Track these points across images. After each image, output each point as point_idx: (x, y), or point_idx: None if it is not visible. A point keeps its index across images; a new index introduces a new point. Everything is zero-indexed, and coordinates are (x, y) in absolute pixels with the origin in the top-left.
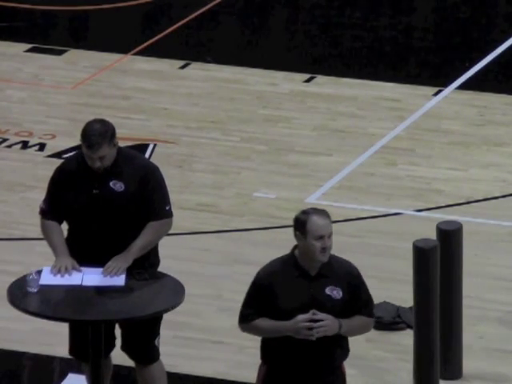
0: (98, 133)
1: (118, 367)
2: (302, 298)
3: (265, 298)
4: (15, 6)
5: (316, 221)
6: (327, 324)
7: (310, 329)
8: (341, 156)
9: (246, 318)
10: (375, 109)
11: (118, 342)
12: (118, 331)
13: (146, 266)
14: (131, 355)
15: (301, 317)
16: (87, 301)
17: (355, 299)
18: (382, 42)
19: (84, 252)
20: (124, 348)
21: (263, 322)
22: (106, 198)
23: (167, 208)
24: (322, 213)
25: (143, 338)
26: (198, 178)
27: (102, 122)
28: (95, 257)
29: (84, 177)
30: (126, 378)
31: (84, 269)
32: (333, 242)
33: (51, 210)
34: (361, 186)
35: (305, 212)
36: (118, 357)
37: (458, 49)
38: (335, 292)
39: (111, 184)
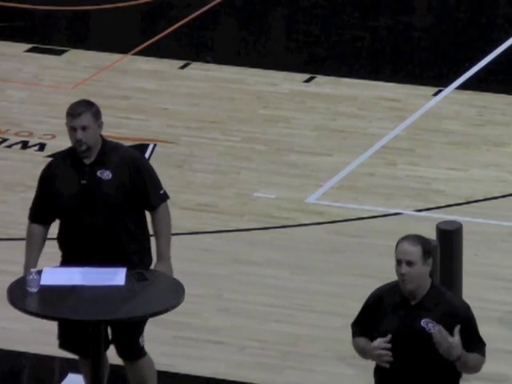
0: (82, 103)
1: (118, 367)
2: (397, 328)
3: (370, 320)
4: (15, 6)
5: (399, 244)
6: (452, 344)
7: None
8: (341, 156)
9: (352, 334)
10: (375, 109)
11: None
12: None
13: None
14: (118, 352)
15: (375, 342)
16: (87, 301)
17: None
18: (382, 42)
19: (77, 245)
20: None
21: (359, 342)
22: (95, 187)
23: (161, 192)
24: (413, 238)
25: (128, 337)
26: (198, 178)
27: (90, 100)
28: (88, 249)
29: (72, 169)
30: (125, 377)
31: (84, 269)
32: (413, 270)
33: (38, 210)
34: (361, 185)
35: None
36: (118, 356)
37: (458, 49)
38: (431, 325)
39: (98, 173)
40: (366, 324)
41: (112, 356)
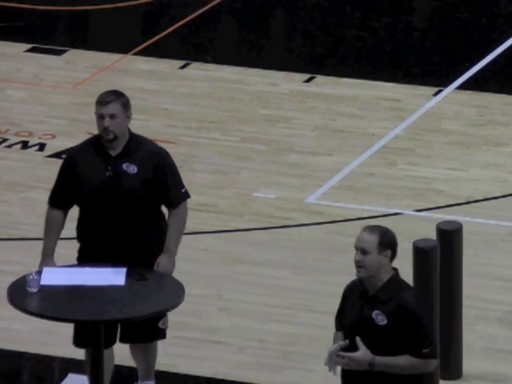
0: (112, 92)
1: (118, 367)
2: (355, 316)
3: (342, 312)
4: (15, 5)
5: (359, 233)
6: (349, 361)
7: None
8: (341, 156)
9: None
10: (375, 109)
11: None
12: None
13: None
14: (135, 338)
15: (330, 347)
16: (87, 301)
17: (402, 334)
18: (382, 42)
19: (96, 236)
20: (127, 333)
21: (334, 336)
22: (119, 180)
23: (183, 191)
24: (373, 228)
25: (147, 322)
26: (198, 178)
27: (120, 91)
28: (107, 241)
29: (97, 159)
30: (125, 377)
31: (84, 269)
32: (366, 258)
33: (59, 196)
34: (361, 185)
35: None
36: (118, 356)
37: (458, 49)
38: (380, 318)
39: (124, 166)
40: (341, 316)
41: (115, 356)
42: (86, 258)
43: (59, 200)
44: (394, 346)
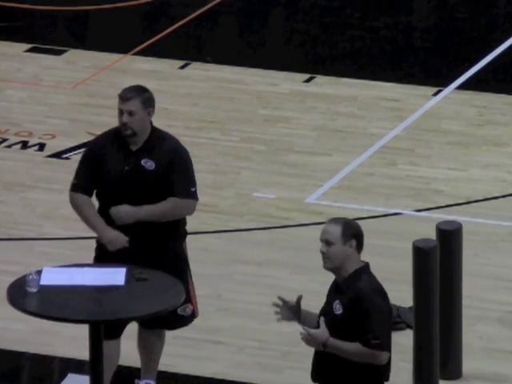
0: (134, 88)
1: (118, 367)
2: (324, 306)
3: None
4: (15, 6)
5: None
6: (306, 337)
7: None
8: (341, 156)
9: None
10: (375, 109)
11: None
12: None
13: (172, 237)
14: (154, 323)
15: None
16: (87, 301)
17: (354, 324)
18: (381, 42)
19: (115, 227)
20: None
21: None
22: (137, 175)
23: (192, 189)
24: (336, 220)
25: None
26: (198, 178)
27: (144, 87)
28: (126, 232)
29: (117, 153)
30: (126, 377)
31: (84, 269)
32: (331, 249)
33: (82, 183)
34: (361, 186)
35: None
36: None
37: (458, 49)
38: (338, 307)
39: (142, 162)
40: None
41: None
42: (104, 253)
43: (83, 188)
44: (348, 335)
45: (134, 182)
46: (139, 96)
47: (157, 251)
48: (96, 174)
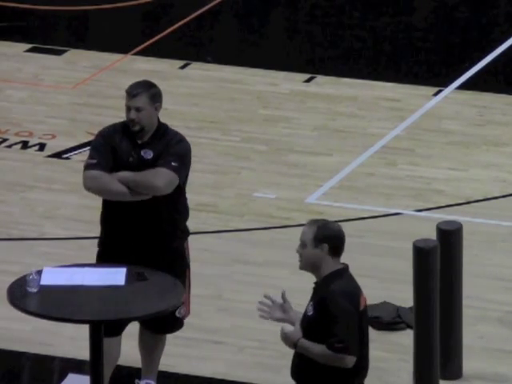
0: (141, 84)
1: (118, 367)
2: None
3: None
4: (15, 6)
5: None
6: (282, 335)
7: None
8: (341, 156)
9: None
10: (375, 109)
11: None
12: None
13: (172, 234)
14: (156, 328)
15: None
16: (87, 301)
17: (322, 326)
18: (381, 42)
19: (119, 219)
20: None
21: None
22: (138, 166)
23: (173, 163)
24: (314, 222)
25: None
26: (198, 178)
27: (151, 82)
28: (128, 228)
29: (124, 145)
30: (126, 377)
31: (84, 269)
32: (303, 251)
33: (102, 161)
34: (361, 185)
35: None
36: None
37: (458, 49)
38: (310, 308)
39: (142, 152)
40: None
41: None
42: (108, 245)
43: (102, 166)
44: (318, 337)
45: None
46: (146, 91)
47: (157, 249)
48: (110, 158)
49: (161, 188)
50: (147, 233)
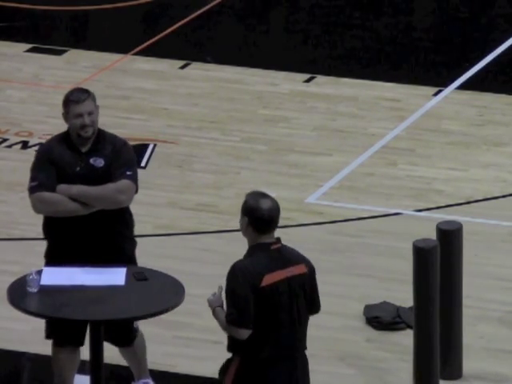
0: (81, 90)
1: (117, 367)
2: None
3: None
4: (15, 6)
5: None
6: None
7: None
8: (341, 156)
9: None
10: (375, 109)
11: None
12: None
13: (119, 228)
14: (112, 340)
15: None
16: (87, 301)
17: None
18: (381, 42)
19: (66, 233)
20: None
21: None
22: (88, 174)
23: (128, 173)
24: (251, 192)
25: (124, 326)
26: (198, 178)
27: (82, 87)
28: (82, 237)
29: (68, 156)
30: (126, 377)
31: (84, 269)
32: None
33: (45, 182)
34: (361, 186)
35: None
36: (117, 356)
37: (457, 49)
38: None
39: (91, 161)
40: None
41: (114, 357)
42: (55, 258)
43: (47, 187)
44: None
45: (87, 181)
46: (89, 95)
47: (109, 258)
48: (55, 175)
49: (125, 202)
50: (98, 243)
